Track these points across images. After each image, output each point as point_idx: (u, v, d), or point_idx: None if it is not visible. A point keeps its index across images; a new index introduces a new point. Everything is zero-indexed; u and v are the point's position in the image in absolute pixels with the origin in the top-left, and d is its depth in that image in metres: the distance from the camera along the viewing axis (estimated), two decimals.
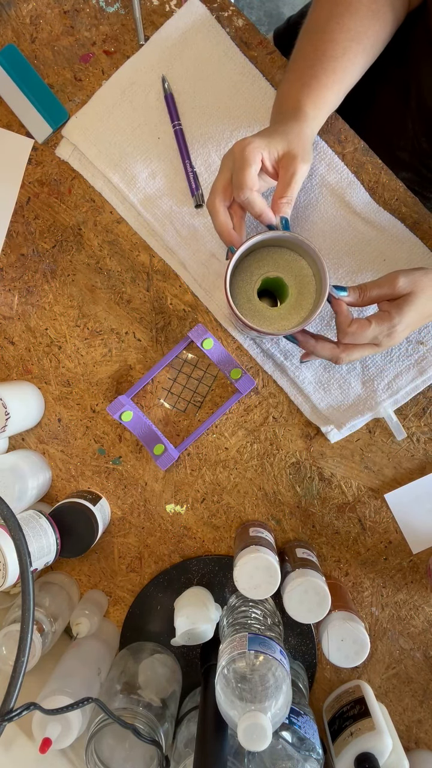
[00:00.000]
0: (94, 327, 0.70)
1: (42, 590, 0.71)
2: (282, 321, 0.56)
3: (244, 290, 0.57)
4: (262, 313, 0.57)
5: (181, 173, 0.65)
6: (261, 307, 0.57)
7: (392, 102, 0.71)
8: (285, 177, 0.51)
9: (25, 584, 0.43)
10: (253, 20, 1.36)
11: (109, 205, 0.67)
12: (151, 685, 0.66)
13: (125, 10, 0.65)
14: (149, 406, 0.70)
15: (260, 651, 0.57)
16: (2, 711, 0.41)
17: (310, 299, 0.56)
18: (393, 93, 0.70)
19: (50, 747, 0.58)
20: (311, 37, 0.56)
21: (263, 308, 0.57)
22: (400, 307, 0.53)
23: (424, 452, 0.68)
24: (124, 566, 0.74)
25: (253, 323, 0.55)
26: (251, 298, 0.57)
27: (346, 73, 0.55)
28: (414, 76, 0.67)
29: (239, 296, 0.57)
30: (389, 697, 0.74)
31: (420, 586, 0.70)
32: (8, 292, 0.70)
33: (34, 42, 0.66)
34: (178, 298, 0.68)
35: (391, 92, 0.71)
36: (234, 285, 0.57)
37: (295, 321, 0.56)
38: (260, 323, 0.56)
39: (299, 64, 0.56)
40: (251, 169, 0.50)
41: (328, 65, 0.54)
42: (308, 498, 0.70)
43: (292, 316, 0.56)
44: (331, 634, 0.61)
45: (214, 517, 0.72)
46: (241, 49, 0.63)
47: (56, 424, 0.72)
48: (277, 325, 0.56)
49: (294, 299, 0.56)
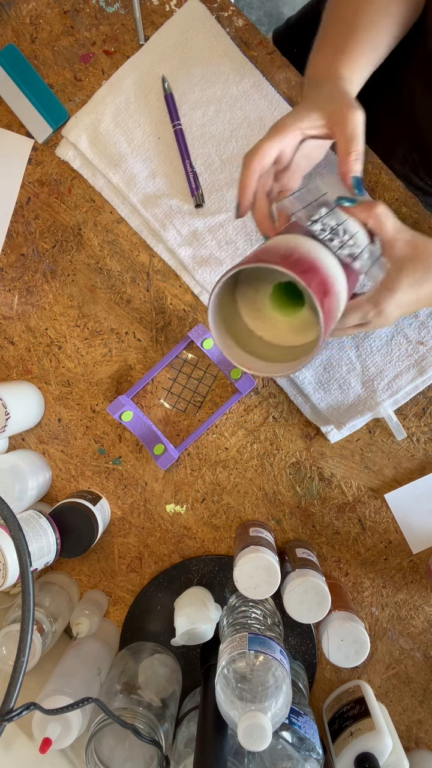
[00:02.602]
0: (94, 327, 0.70)
1: (42, 590, 0.71)
2: (296, 336, 0.50)
3: (251, 300, 0.50)
4: (273, 324, 0.50)
5: (181, 173, 0.65)
6: (273, 317, 0.50)
7: (386, 115, 0.71)
8: (344, 131, 0.46)
9: (25, 584, 0.43)
10: (253, 20, 1.36)
11: (109, 205, 0.67)
12: (151, 685, 0.66)
13: (125, 10, 0.65)
14: (149, 406, 0.70)
15: (260, 651, 0.57)
16: (2, 711, 0.41)
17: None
18: (387, 107, 0.71)
19: (50, 747, 0.58)
20: (338, 12, 0.55)
21: (275, 317, 0.50)
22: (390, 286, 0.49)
23: (424, 452, 0.68)
24: (124, 566, 0.74)
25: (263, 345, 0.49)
26: (262, 307, 0.50)
27: (376, 44, 0.53)
28: (408, 91, 0.67)
29: (246, 308, 0.50)
30: (389, 697, 0.74)
31: (420, 586, 0.70)
32: (8, 292, 0.70)
33: (34, 42, 0.66)
34: (178, 298, 0.68)
35: (385, 107, 0.71)
36: (238, 295, 0.50)
37: (311, 335, 0.49)
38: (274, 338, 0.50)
39: (328, 36, 0.54)
40: (266, 145, 0.47)
41: (359, 35, 0.52)
42: (308, 498, 0.70)
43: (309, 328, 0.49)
44: (331, 634, 0.61)
45: (214, 517, 0.72)
46: (241, 49, 0.63)
47: (56, 424, 0.72)
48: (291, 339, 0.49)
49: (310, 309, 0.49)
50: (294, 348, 0.50)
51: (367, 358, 0.66)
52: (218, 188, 0.65)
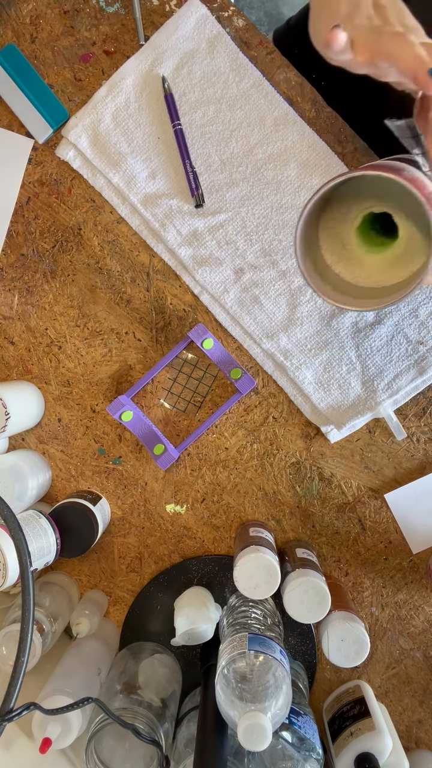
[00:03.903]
0: (94, 327, 0.70)
1: (42, 590, 0.71)
2: (383, 274, 0.44)
3: (335, 232, 0.45)
4: (359, 262, 0.45)
5: (181, 173, 0.65)
6: (359, 254, 0.45)
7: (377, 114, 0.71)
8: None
9: (25, 584, 0.43)
10: (253, 20, 1.36)
11: (109, 205, 0.67)
12: (151, 685, 0.66)
13: (125, 10, 0.65)
14: (149, 406, 0.70)
15: (260, 651, 0.57)
16: (2, 711, 0.41)
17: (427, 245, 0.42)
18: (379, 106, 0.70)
19: (50, 747, 0.58)
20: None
21: (361, 254, 0.45)
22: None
23: (424, 452, 0.68)
24: (124, 566, 0.74)
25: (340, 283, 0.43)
26: (347, 242, 0.45)
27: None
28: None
29: (328, 241, 0.45)
30: (389, 697, 0.74)
31: (420, 586, 0.70)
32: (8, 292, 0.70)
33: (34, 42, 0.66)
34: (178, 298, 0.68)
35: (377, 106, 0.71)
36: (321, 226, 0.45)
37: (404, 273, 0.44)
38: (354, 276, 0.45)
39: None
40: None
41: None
42: (308, 498, 0.70)
43: (400, 266, 0.44)
44: (331, 634, 0.61)
45: (214, 517, 0.72)
46: (241, 49, 0.63)
47: (56, 424, 0.72)
48: (377, 278, 0.44)
49: (404, 244, 0.43)
50: (375, 290, 0.45)
51: (367, 358, 0.66)
52: (218, 188, 0.65)
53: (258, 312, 0.67)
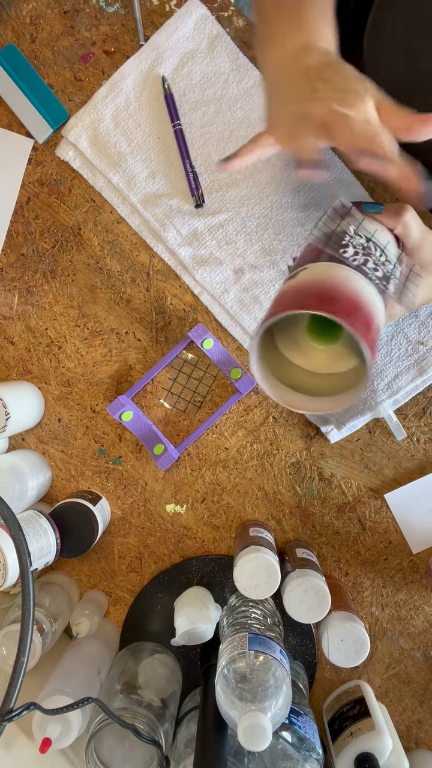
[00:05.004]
0: (94, 327, 0.70)
1: (42, 590, 0.71)
2: (334, 362, 0.48)
3: (287, 333, 0.49)
4: (313, 353, 0.49)
5: (181, 173, 0.65)
6: (310, 347, 0.49)
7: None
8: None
9: (25, 584, 0.43)
10: None
11: (109, 205, 0.67)
12: (151, 685, 0.66)
13: (125, 10, 0.65)
14: (149, 406, 0.70)
15: (260, 651, 0.57)
16: (2, 711, 0.41)
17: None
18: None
19: (50, 747, 0.58)
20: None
21: (313, 349, 0.49)
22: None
23: (424, 452, 0.68)
24: (124, 566, 0.74)
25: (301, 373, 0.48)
26: (299, 339, 0.49)
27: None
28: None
29: (283, 340, 0.49)
30: (389, 697, 0.74)
31: (420, 586, 0.70)
32: (8, 292, 0.70)
33: (34, 42, 0.66)
34: (178, 298, 0.68)
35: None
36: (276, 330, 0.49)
37: (352, 362, 0.48)
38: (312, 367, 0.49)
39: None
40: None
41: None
42: (308, 498, 0.70)
43: (349, 356, 0.48)
44: (331, 634, 0.61)
45: (214, 517, 0.72)
46: (241, 49, 0.63)
47: (56, 424, 0.72)
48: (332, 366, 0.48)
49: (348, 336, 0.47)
50: (334, 375, 0.49)
51: None
52: (218, 188, 0.65)
53: (258, 312, 0.67)
